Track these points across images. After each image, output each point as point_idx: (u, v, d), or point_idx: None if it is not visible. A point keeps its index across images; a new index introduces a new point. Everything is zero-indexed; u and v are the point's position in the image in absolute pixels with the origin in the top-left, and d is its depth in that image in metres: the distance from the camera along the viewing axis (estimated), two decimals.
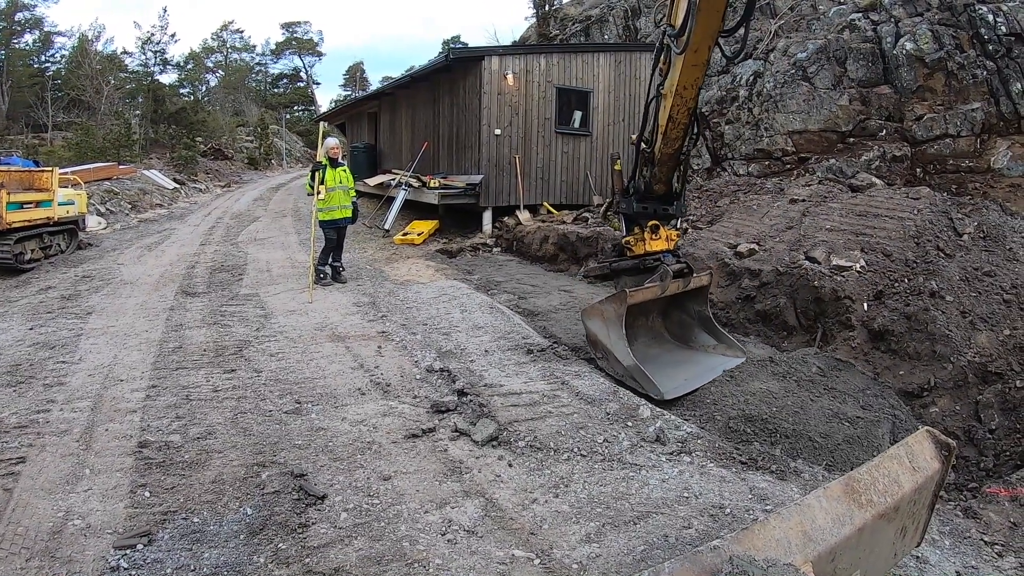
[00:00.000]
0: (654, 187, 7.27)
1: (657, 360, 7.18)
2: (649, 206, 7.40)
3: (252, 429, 5.39)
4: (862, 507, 2.54)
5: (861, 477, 2.60)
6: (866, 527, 2.57)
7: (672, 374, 6.88)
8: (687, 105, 6.29)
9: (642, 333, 7.63)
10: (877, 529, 2.68)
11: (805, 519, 2.35)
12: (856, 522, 2.51)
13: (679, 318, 8.05)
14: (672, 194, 7.45)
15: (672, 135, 6.58)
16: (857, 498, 2.54)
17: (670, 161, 6.97)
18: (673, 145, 6.72)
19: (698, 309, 7.96)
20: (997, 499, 5.12)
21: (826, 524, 2.41)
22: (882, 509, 2.64)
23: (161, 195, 26.33)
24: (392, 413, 5.80)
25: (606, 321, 6.84)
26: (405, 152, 20.80)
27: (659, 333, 7.97)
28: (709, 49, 5.80)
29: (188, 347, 7.63)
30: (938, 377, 7.26)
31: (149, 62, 46.51)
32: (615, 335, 6.73)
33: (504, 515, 4.25)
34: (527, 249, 14.43)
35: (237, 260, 13.73)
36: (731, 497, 4.51)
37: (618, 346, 6.70)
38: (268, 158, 49.21)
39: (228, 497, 4.33)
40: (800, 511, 2.36)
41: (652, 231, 7.33)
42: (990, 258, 8.73)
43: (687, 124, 6.55)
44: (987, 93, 13.94)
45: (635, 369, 6.53)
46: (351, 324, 8.75)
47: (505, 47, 18.23)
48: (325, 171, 11.02)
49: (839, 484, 2.55)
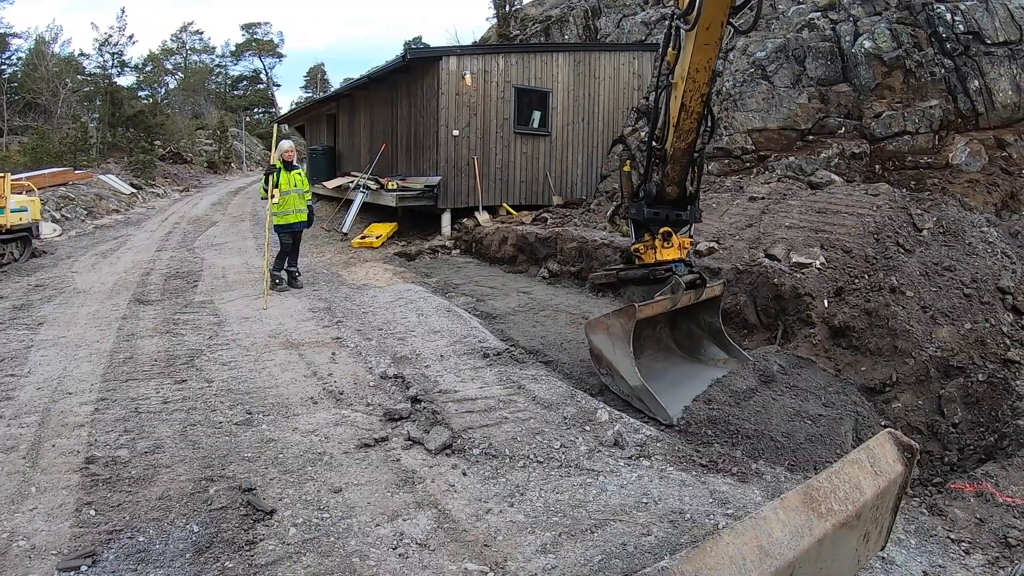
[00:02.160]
0: (666, 189, 6.72)
1: (664, 376, 6.71)
2: (661, 211, 6.80)
3: (201, 442, 5.22)
4: (822, 516, 2.38)
5: (820, 485, 2.45)
6: (827, 537, 2.43)
7: (681, 393, 6.32)
8: (700, 91, 5.93)
9: (648, 345, 7.12)
10: (839, 538, 2.54)
11: (761, 533, 2.18)
12: (816, 533, 2.36)
13: (688, 329, 7.53)
14: (685, 197, 6.90)
15: (685, 127, 6.15)
16: (816, 507, 2.38)
17: (683, 158, 6.49)
18: (686, 139, 6.28)
19: (709, 320, 7.43)
20: (963, 495, 5.04)
21: (783, 537, 2.24)
22: (843, 517, 2.50)
23: (118, 200, 25.97)
24: (344, 422, 5.66)
25: (612, 337, 6.31)
26: (364, 154, 20.54)
27: (666, 345, 7.46)
28: (721, 26, 5.53)
29: (139, 357, 7.44)
30: (900, 372, 7.23)
31: (107, 64, 45.40)
32: (621, 352, 6.23)
33: (457, 527, 4.13)
34: (486, 251, 14.30)
35: (193, 266, 13.55)
36: (691, 502, 4.41)
37: (624, 364, 6.22)
38: (228, 161, 48.70)
39: (175, 514, 4.18)
40: (755, 525, 2.20)
41: (664, 238, 6.76)
42: (950, 253, 8.75)
43: (701, 114, 6.14)
44: (945, 90, 14.14)
45: (643, 391, 6.06)
46: (305, 330, 8.60)
47: (463, 47, 18.09)
48: (279, 174, 10.84)
49: (797, 494, 2.39)
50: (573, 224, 13.64)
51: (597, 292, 10.56)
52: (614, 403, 6.24)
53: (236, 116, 64.68)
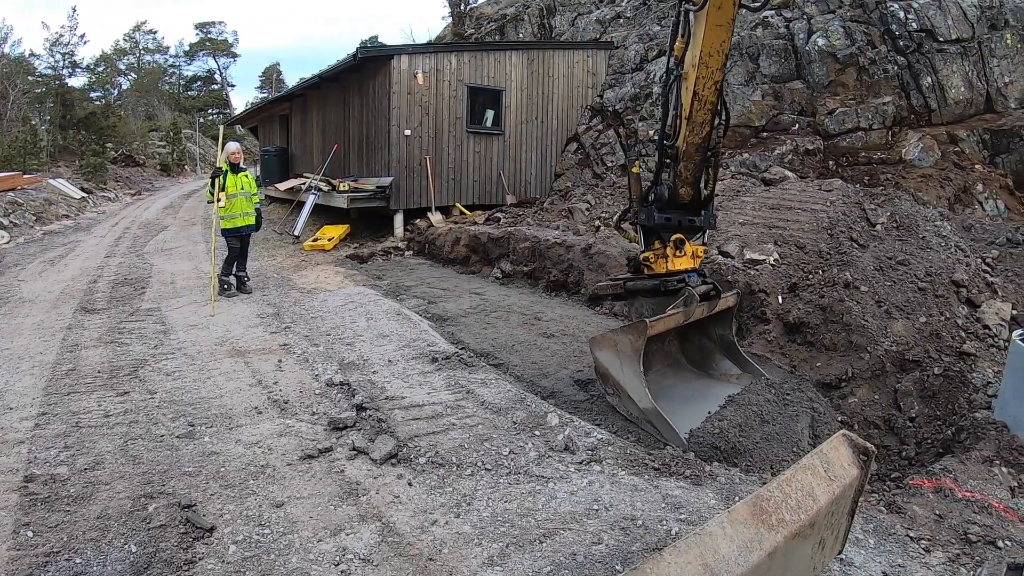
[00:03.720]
0: (679, 191, 6.14)
1: (673, 393, 6.25)
2: (673, 216, 6.22)
3: (142, 457, 5.07)
4: (772, 528, 2.21)
5: (771, 495, 2.28)
6: (778, 550, 2.25)
7: (692, 412, 5.84)
8: (713, 78, 5.60)
9: (657, 360, 6.65)
10: (792, 549, 2.37)
11: (706, 550, 2.00)
12: (766, 546, 2.19)
13: (699, 343, 7.05)
14: (699, 201, 6.33)
15: (698, 118, 5.75)
16: (767, 519, 2.21)
17: (697, 155, 5.99)
18: (700, 132, 5.86)
19: (721, 333, 6.97)
20: (921, 491, 4.97)
21: (731, 553, 2.06)
22: (796, 528, 2.33)
23: (68, 205, 25.44)
24: (289, 433, 5.49)
25: (620, 355, 5.84)
26: (316, 155, 20.26)
27: (676, 360, 6.97)
28: (734, 5, 5.30)
29: (82, 369, 7.23)
30: (855, 367, 7.21)
31: (58, 65, 44.27)
32: (630, 371, 5.77)
33: (402, 540, 4.01)
34: (439, 251, 14.17)
35: (141, 273, 13.33)
36: (643, 507, 4.30)
37: (633, 384, 5.77)
38: (181, 164, 47.87)
39: (113, 533, 4.04)
40: (700, 542, 2.01)
41: (676, 246, 6.19)
42: (904, 247, 8.76)
43: (715, 104, 5.77)
44: (898, 87, 14.31)
45: (653, 413, 5.63)
46: (253, 337, 8.43)
47: (415, 46, 17.86)
48: (226, 177, 10.60)
49: (745, 505, 2.21)
50: (526, 223, 13.52)
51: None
52: (565, 407, 6.12)
53: (190, 117, 63.68)
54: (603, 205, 13.78)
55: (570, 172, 17.83)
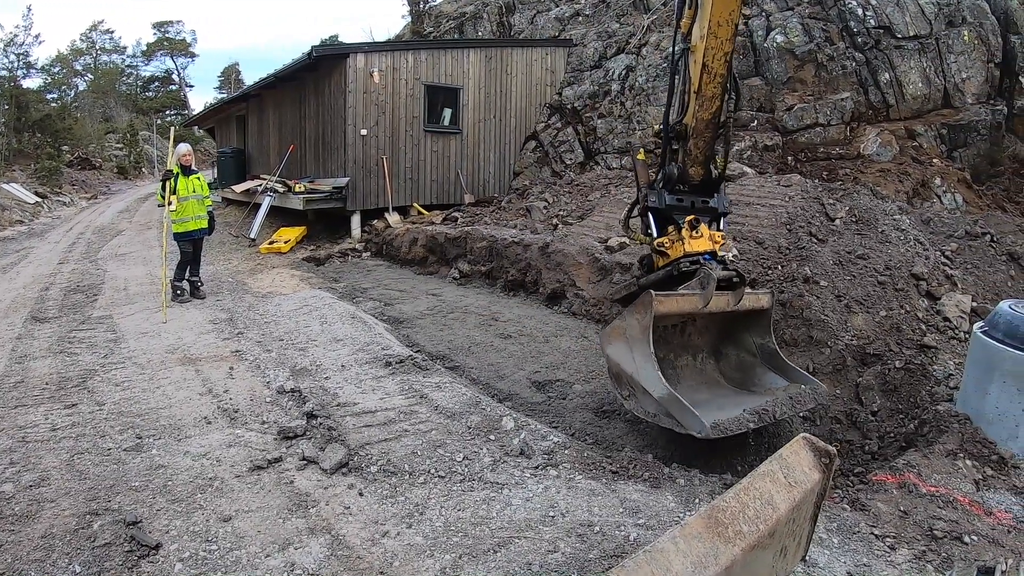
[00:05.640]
0: (688, 170, 5.76)
1: (710, 404, 5.36)
2: (684, 197, 5.80)
3: (89, 472, 4.91)
4: (729, 541, 2.06)
5: (727, 505, 2.12)
6: (736, 563, 2.11)
7: (724, 405, 5.28)
8: (723, 49, 5.33)
9: (687, 375, 5.97)
10: (751, 561, 2.23)
11: (657, 568, 1.84)
12: (723, 561, 2.04)
13: (736, 358, 6.22)
14: (710, 180, 5.91)
15: (708, 92, 5.47)
16: (723, 532, 2.05)
17: (707, 131, 5.64)
18: (710, 107, 5.54)
19: (760, 342, 6.07)
20: (885, 487, 4.88)
21: (684, 570, 1.91)
22: (755, 539, 2.19)
23: (22, 210, 25.10)
24: (238, 443, 5.33)
25: (629, 340, 5.25)
26: (273, 156, 19.98)
27: (711, 377, 6.13)
28: None
29: (30, 381, 7.05)
30: (816, 362, 7.15)
31: (12, 66, 43.43)
32: (641, 356, 5.12)
33: (352, 553, 3.89)
34: (396, 252, 14.04)
35: (94, 279, 13.08)
36: (600, 512, 4.19)
37: (645, 370, 5.09)
38: (139, 166, 47.02)
39: (58, 553, 3.91)
40: (651, 559, 1.84)
41: (691, 227, 5.63)
42: (863, 241, 8.74)
43: (725, 77, 5.47)
44: (856, 83, 14.43)
45: (670, 400, 4.94)
46: (204, 344, 8.23)
47: (371, 44, 17.65)
48: (177, 180, 10.37)
49: (699, 518, 2.06)
50: (484, 223, 13.38)
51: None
52: (521, 409, 5.99)
53: (148, 119, 62.66)
54: (561, 203, 13.67)
55: (529, 170, 17.72)
